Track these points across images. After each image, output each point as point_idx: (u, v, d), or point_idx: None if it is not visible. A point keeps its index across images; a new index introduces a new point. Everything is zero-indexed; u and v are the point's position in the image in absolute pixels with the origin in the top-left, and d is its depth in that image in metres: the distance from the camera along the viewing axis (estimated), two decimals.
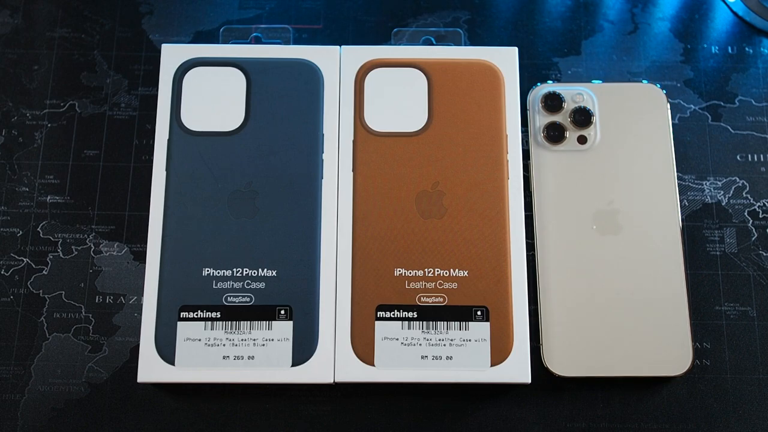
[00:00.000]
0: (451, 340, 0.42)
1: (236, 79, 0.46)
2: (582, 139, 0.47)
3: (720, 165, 0.49)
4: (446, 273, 0.43)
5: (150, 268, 0.43)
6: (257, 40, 0.51)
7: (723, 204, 0.48)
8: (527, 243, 0.45)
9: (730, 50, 0.52)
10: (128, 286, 0.46)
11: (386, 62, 0.47)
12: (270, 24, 0.52)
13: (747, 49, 0.52)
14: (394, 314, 0.43)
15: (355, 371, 0.42)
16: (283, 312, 0.43)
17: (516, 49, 0.47)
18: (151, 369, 0.42)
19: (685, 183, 0.49)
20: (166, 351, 0.42)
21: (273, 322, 0.42)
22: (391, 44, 0.51)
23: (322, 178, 0.45)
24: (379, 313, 0.43)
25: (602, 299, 0.44)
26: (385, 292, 0.43)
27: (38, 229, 0.47)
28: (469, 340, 0.42)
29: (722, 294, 0.46)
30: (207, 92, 0.46)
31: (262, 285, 0.43)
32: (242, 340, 0.42)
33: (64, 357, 0.45)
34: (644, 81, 0.49)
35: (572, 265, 0.45)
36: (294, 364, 0.42)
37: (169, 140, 0.45)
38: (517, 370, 0.42)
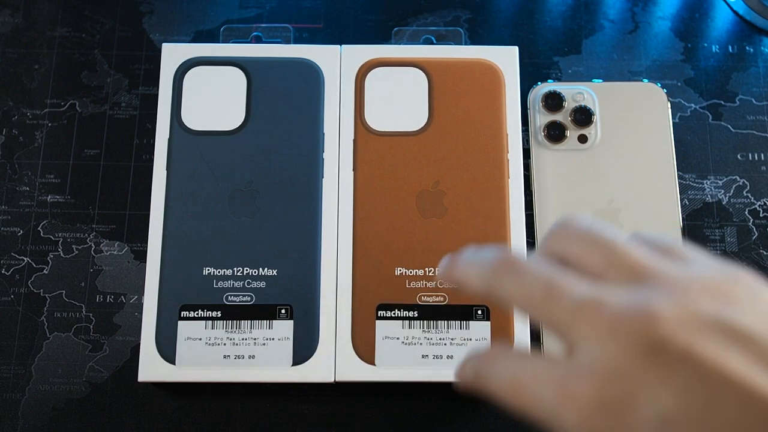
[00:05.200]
0: (452, 339, 0.42)
1: (237, 79, 0.46)
2: (582, 138, 0.47)
3: (720, 164, 0.49)
4: None
5: (150, 267, 0.43)
6: (258, 40, 0.51)
7: (723, 203, 0.48)
8: (528, 242, 0.45)
9: (730, 49, 0.52)
10: (129, 286, 0.46)
11: (387, 61, 0.47)
12: (270, 23, 0.52)
13: (747, 48, 0.52)
14: (394, 313, 0.43)
15: (355, 370, 0.42)
16: (283, 311, 0.43)
17: (516, 48, 0.47)
18: (151, 368, 0.42)
19: (686, 182, 0.49)
20: (167, 350, 0.42)
21: (273, 321, 0.42)
22: (391, 43, 0.51)
23: (322, 177, 0.45)
24: (379, 312, 0.43)
25: None
26: (386, 291, 0.43)
27: (39, 229, 0.47)
28: (470, 339, 0.42)
29: None
30: (207, 91, 0.46)
31: (262, 284, 0.43)
32: (243, 339, 0.42)
33: (65, 356, 0.45)
34: (645, 80, 0.49)
35: None
36: (294, 364, 0.42)
37: (169, 140, 0.45)
38: None
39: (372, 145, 0.45)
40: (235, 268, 0.43)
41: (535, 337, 0.44)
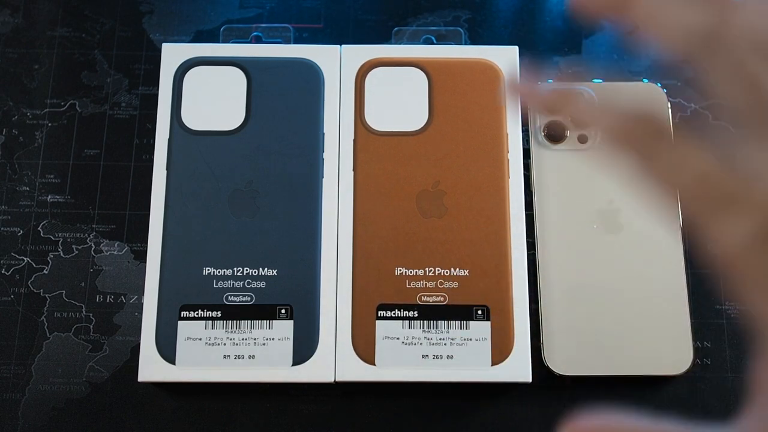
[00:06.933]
0: (452, 339, 0.42)
1: (237, 79, 0.46)
2: (582, 138, 0.47)
3: None
4: (447, 272, 0.43)
5: (150, 267, 0.43)
6: (258, 40, 0.51)
7: None
8: (528, 242, 0.45)
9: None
10: (129, 286, 0.46)
11: (387, 61, 0.47)
12: (270, 23, 0.51)
13: None
14: (394, 313, 0.43)
15: (355, 370, 0.42)
16: (283, 311, 0.43)
17: (516, 48, 0.47)
18: (151, 368, 0.42)
19: None
20: (167, 350, 0.42)
21: (273, 321, 0.42)
22: (391, 43, 0.51)
23: (322, 177, 0.45)
24: (379, 312, 0.43)
25: (603, 298, 0.44)
26: (386, 291, 0.43)
27: (39, 229, 0.47)
28: (470, 339, 0.42)
29: (723, 293, 0.46)
30: (207, 91, 0.46)
31: (262, 284, 0.43)
32: (243, 339, 0.42)
33: (65, 356, 0.45)
34: (645, 80, 0.49)
35: (573, 264, 0.45)
36: (294, 364, 0.42)
37: (169, 139, 0.45)
38: (517, 369, 0.42)
39: (372, 145, 0.45)
40: (235, 268, 0.43)
41: (535, 336, 0.44)
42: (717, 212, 0.20)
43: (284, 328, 0.42)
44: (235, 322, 0.42)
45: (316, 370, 0.42)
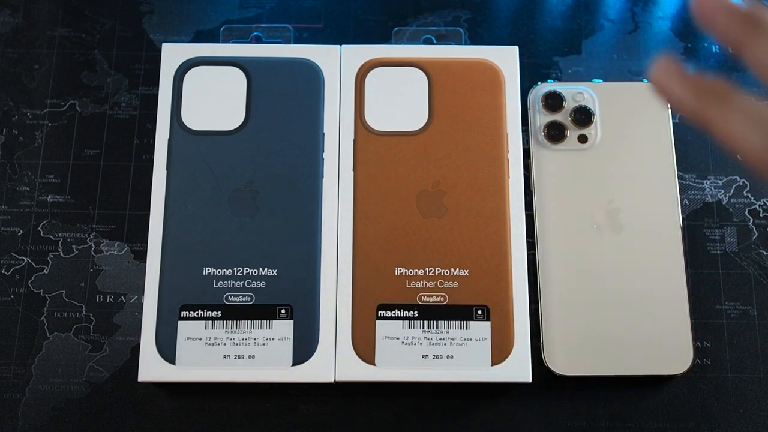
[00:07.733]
0: (452, 339, 0.42)
1: (237, 79, 0.46)
2: (582, 138, 0.47)
3: (720, 164, 0.49)
4: (447, 272, 0.43)
5: (150, 267, 0.43)
6: (258, 40, 0.51)
7: (723, 203, 0.48)
8: (528, 242, 0.45)
9: (730, 49, 0.52)
10: (129, 286, 0.46)
11: (387, 61, 0.47)
12: (270, 23, 0.52)
13: None
14: (394, 313, 0.43)
15: (355, 370, 0.42)
16: (283, 311, 0.43)
17: (516, 48, 0.47)
18: (151, 368, 0.42)
19: (686, 182, 0.49)
20: (167, 350, 0.42)
21: (273, 321, 0.42)
22: (391, 43, 0.51)
23: (322, 177, 0.45)
24: (379, 312, 0.43)
25: (603, 298, 0.44)
26: (386, 291, 0.43)
27: (39, 229, 0.47)
28: (470, 339, 0.42)
29: (723, 293, 0.46)
30: (207, 91, 0.46)
31: (262, 284, 0.43)
32: (243, 339, 0.42)
33: (65, 356, 0.45)
34: (645, 80, 0.49)
35: (573, 264, 0.45)
36: (294, 364, 0.42)
37: (169, 139, 0.45)
38: (517, 369, 0.42)
39: (372, 145, 0.45)
40: (235, 268, 0.43)
41: (535, 336, 0.44)
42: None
43: (284, 328, 0.42)
44: (235, 322, 0.42)
45: (316, 370, 0.42)
